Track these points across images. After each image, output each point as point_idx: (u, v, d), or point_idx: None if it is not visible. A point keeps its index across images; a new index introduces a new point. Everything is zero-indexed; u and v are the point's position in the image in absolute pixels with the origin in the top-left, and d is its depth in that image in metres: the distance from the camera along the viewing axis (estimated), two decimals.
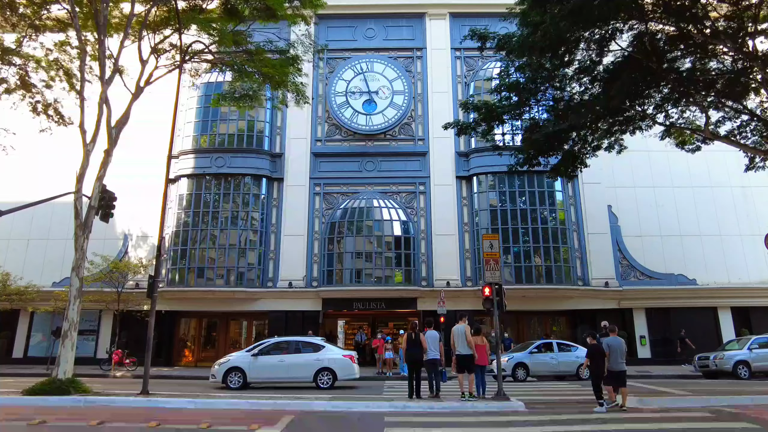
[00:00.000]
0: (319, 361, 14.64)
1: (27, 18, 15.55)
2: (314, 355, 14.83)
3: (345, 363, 14.72)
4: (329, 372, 14.54)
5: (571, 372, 18.04)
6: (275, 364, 14.70)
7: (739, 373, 17.44)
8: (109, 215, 13.61)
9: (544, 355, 18.30)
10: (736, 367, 17.48)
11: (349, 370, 14.74)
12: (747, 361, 17.54)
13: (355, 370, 14.90)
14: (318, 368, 14.55)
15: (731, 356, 17.77)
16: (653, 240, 24.51)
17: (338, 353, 15.10)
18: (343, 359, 14.79)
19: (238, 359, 15.05)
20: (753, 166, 15.50)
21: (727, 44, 12.40)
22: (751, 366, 17.49)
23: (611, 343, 10.26)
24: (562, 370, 18.25)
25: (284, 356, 14.90)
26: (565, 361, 18.18)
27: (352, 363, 14.84)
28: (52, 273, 24.15)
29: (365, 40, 26.92)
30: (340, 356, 14.92)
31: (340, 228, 23.89)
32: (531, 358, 18.18)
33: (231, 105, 17.74)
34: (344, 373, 14.63)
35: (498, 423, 8.68)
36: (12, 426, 7.94)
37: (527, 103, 15.32)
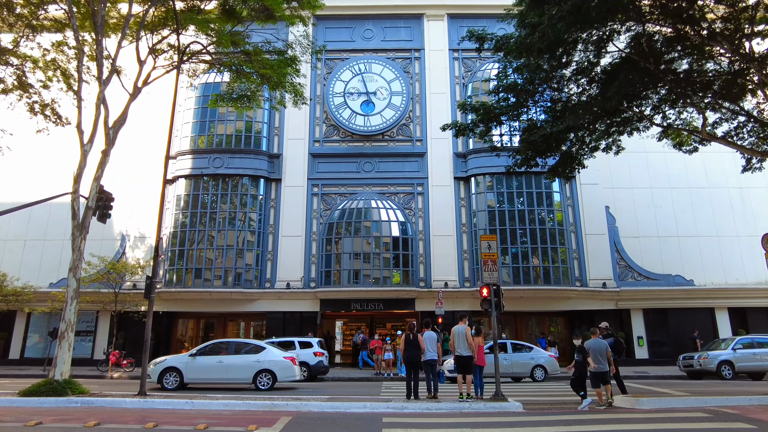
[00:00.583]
0: (259, 363, 14.48)
1: (24, 18, 15.51)
2: (254, 356, 14.67)
3: (285, 365, 14.56)
4: (269, 374, 14.39)
5: (525, 373, 17.49)
6: (214, 365, 14.52)
7: (722, 373, 17.53)
8: (106, 216, 13.58)
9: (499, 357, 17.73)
10: (720, 367, 17.58)
11: (289, 371, 14.61)
12: (731, 361, 17.65)
13: (296, 371, 14.81)
14: (258, 370, 14.41)
15: (715, 356, 17.86)
16: (651, 241, 24.57)
17: (279, 355, 14.88)
18: (284, 361, 14.62)
19: (175, 359, 14.89)
20: (750, 167, 15.53)
21: (724, 46, 12.44)
22: (734, 366, 17.60)
23: (592, 346, 10.62)
24: (515, 372, 17.54)
25: (223, 357, 14.74)
26: (519, 361, 17.53)
27: (292, 365, 14.70)
28: (49, 274, 24.10)
29: (363, 41, 26.95)
30: (280, 358, 14.73)
31: (338, 229, 23.88)
32: None
33: (229, 105, 17.70)
34: (284, 374, 14.49)
35: (496, 424, 8.68)
36: (8, 427, 7.91)
37: (525, 104, 15.35)
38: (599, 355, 10.51)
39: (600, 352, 10.54)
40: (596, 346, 10.60)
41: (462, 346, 11.24)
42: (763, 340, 18.55)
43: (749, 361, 17.80)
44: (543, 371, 17.45)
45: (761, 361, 17.83)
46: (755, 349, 18.07)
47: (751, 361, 17.81)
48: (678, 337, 23.22)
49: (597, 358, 10.47)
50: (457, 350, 11.29)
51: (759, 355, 17.90)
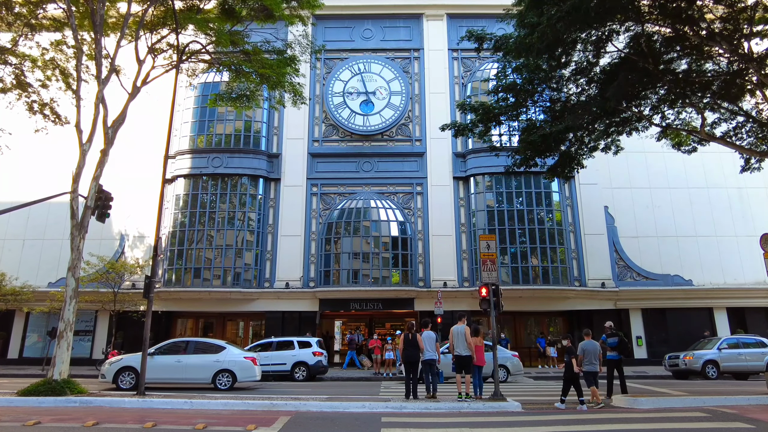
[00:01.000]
0: (219, 363, 14.33)
1: (23, 17, 15.49)
2: (214, 356, 14.51)
3: (245, 364, 14.41)
4: (229, 374, 14.24)
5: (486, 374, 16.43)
6: (172, 365, 14.26)
7: (707, 372, 17.55)
8: (105, 215, 13.56)
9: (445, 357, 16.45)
10: (705, 367, 17.61)
11: (249, 371, 14.44)
12: (716, 360, 17.67)
13: (256, 371, 14.63)
14: (217, 370, 14.26)
15: (700, 356, 17.89)
16: (650, 241, 24.59)
17: (239, 355, 14.74)
18: (244, 361, 14.47)
19: (132, 358, 14.49)
20: (748, 167, 15.55)
21: (722, 46, 12.45)
22: (719, 366, 17.62)
23: (586, 347, 10.91)
24: None
25: (182, 357, 14.54)
26: None
27: (253, 365, 14.55)
28: (47, 273, 24.08)
29: (363, 40, 26.94)
30: (240, 358, 14.58)
31: (337, 228, 23.89)
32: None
33: (228, 105, 17.72)
34: (244, 374, 14.33)
35: (494, 423, 8.68)
36: (7, 427, 7.90)
37: (524, 104, 15.36)
38: (593, 356, 10.80)
39: (594, 353, 10.83)
40: (590, 347, 10.88)
41: (461, 346, 11.25)
42: (748, 340, 18.59)
43: (734, 361, 17.82)
44: (505, 372, 16.92)
45: (746, 361, 17.86)
46: (740, 349, 18.10)
47: (736, 362, 17.83)
48: (677, 337, 23.24)
49: (590, 359, 10.77)
50: (456, 350, 11.29)
51: (744, 356, 17.93)
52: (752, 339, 18.74)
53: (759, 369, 17.84)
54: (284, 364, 17.92)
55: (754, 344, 18.34)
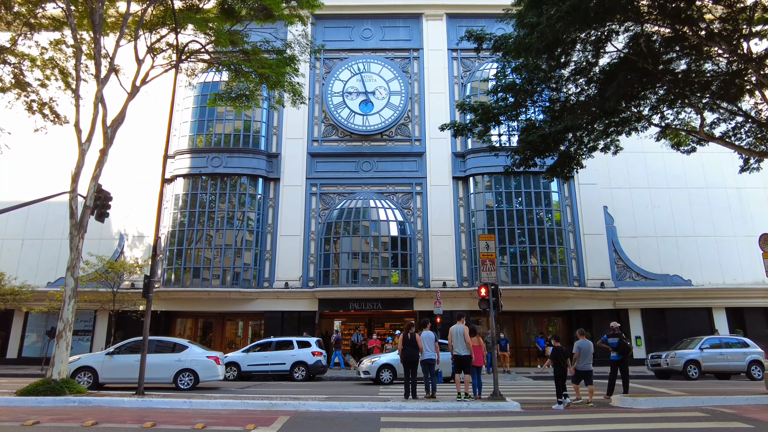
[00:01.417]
0: (180, 362, 14.15)
1: (22, 16, 15.47)
2: (175, 355, 14.32)
3: (208, 364, 14.19)
4: (191, 373, 14.06)
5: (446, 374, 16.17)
6: (132, 364, 13.61)
7: (689, 372, 17.54)
8: (104, 215, 13.55)
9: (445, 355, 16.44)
10: (687, 367, 17.61)
11: (212, 371, 14.25)
12: (697, 360, 17.67)
13: (219, 371, 14.45)
14: (179, 369, 14.08)
15: (682, 355, 17.90)
16: (649, 241, 24.61)
17: (201, 354, 14.52)
18: (206, 360, 14.24)
19: (90, 358, 14.37)
20: (747, 167, 15.56)
21: (722, 46, 12.46)
22: (701, 365, 17.62)
23: (581, 346, 11.24)
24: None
25: None
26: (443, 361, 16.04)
27: (215, 364, 14.35)
28: (46, 273, 24.06)
29: (362, 40, 26.94)
30: (203, 357, 14.37)
31: (336, 228, 23.88)
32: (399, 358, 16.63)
33: (227, 105, 17.70)
34: (207, 374, 14.13)
35: (493, 423, 8.69)
36: (6, 427, 7.90)
37: (524, 104, 15.36)
38: (587, 355, 11.11)
39: (589, 353, 11.16)
40: (585, 347, 11.21)
41: (460, 346, 11.26)
42: (730, 340, 18.61)
43: (716, 361, 17.83)
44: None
45: (728, 361, 17.86)
46: (722, 349, 18.10)
47: (718, 361, 17.85)
48: (676, 337, 23.24)
49: (584, 358, 11.07)
50: (455, 350, 11.30)
51: (725, 356, 17.94)
52: (734, 339, 18.75)
53: (740, 369, 17.87)
54: (283, 364, 17.92)
55: (736, 344, 18.36)
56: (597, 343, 13.23)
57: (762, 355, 18.11)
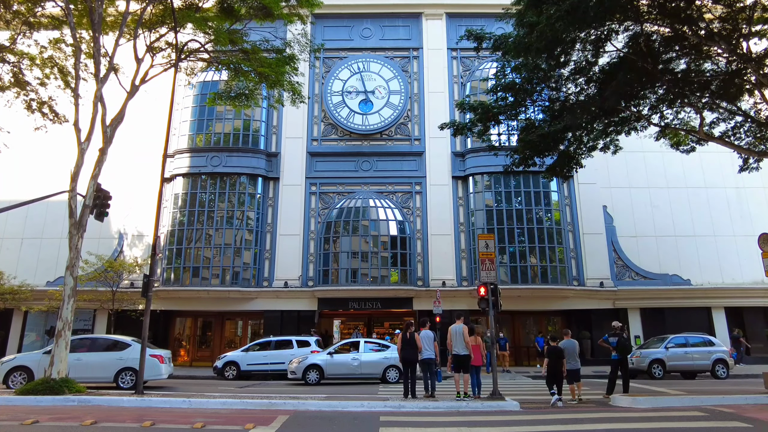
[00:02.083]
0: (122, 361, 13.90)
1: (21, 15, 15.45)
2: (117, 354, 14.04)
3: (151, 363, 13.65)
4: (132, 372, 13.74)
5: (377, 375, 16.06)
6: (72, 363, 13.09)
7: (653, 372, 17.47)
8: (103, 214, 13.55)
9: (345, 356, 16.27)
10: (651, 366, 17.55)
11: (155, 370, 13.93)
12: (662, 359, 17.59)
13: (162, 370, 14.17)
14: (120, 368, 13.87)
15: (647, 354, 17.83)
16: (648, 240, 24.62)
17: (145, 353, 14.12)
18: (149, 359, 13.62)
19: (26, 357, 14.06)
20: (747, 167, 15.55)
21: (721, 46, 12.46)
22: (666, 365, 17.54)
23: (566, 346, 11.50)
24: (365, 373, 16.08)
25: (82, 354, 13.87)
26: (371, 361, 16.06)
27: (159, 363, 14.05)
28: (46, 272, 24.04)
29: (362, 39, 26.92)
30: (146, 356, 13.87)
31: (336, 227, 23.88)
32: (329, 359, 16.12)
33: (227, 104, 17.70)
34: (149, 373, 13.60)
35: (493, 423, 8.69)
36: (5, 426, 7.89)
37: (523, 103, 15.34)
38: (572, 354, 11.43)
39: (574, 352, 11.49)
40: (570, 346, 11.55)
41: (459, 345, 11.26)
42: (696, 339, 18.41)
43: (680, 360, 17.76)
44: (398, 372, 15.97)
45: (693, 360, 17.77)
46: (687, 348, 18.01)
47: (683, 360, 17.77)
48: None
49: (569, 357, 11.34)
50: (455, 349, 11.31)
51: (690, 354, 17.85)
52: (700, 338, 18.57)
53: (705, 368, 17.78)
54: (283, 363, 17.90)
55: (702, 343, 18.25)
56: (598, 342, 13.24)
57: (726, 354, 18.01)
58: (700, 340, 18.44)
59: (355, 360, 16.19)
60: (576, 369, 11.42)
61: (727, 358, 17.90)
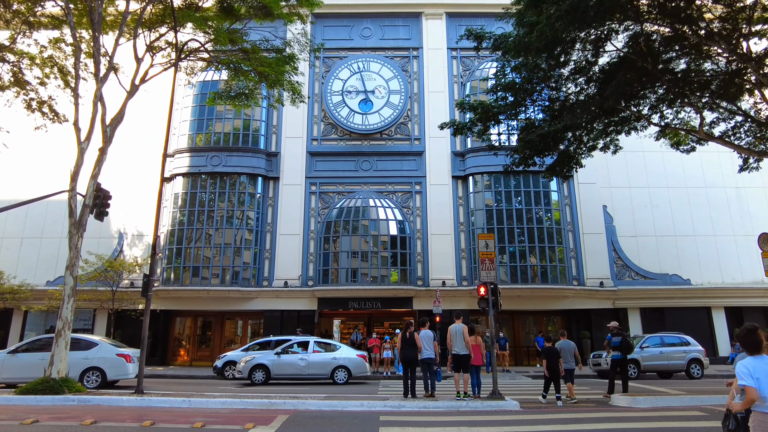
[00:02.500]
0: (88, 360, 13.44)
1: (21, 14, 15.45)
2: (82, 353, 13.56)
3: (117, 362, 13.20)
4: (98, 371, 13.46)
5: (324, 375, 15.83)
6: (36, 363, 13.09)
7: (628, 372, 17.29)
8: (103, 214, 13.55)
9: (293, 356, 16.02)
10: None
11: (121, 369, 13.50)
12: (637, 359, 17.40)
13: (129, 369, 13.73)
14: (86, 367, 13.47)
15: None
16: (648, 240, 24.62)
17: (111, 351, 13.74)
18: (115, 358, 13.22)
19: None
20: (747, 167, 15.56)
21: (721, 45, 12.46)
22: (640, 365, 17.39)
23: (562, 346, 11.73)
24: (312, 373, 15.87)
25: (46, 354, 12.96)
26: (319, 362, 15.85)
27: (125, 362, 13.60)
28: (46, 272, 24.04)
29: (362, 39, 26.91)
30: (112, 355, 13.58)
31: (335, 227, 23.88)
32: (276, 359, 15.99)
33: (227, 103, 17.69)
34: (115, 372, 13.31)
35: (492, 422, 8.69)
36: (5, 425, 7.89)
37: (523, 103, 15.34)
38: (568, 354, 11.62)
39: (569, 352, 11.67)
40: (566, 347, 11.74)
41: (459, 345, 11.26)
42: (671, 339, 18.24)
43: (656, 360, 17.64)
44: (346, 373, 15.91)
45: (668, 360, 17.63)
46: (662, 347, 17.87)
47: (658, 360, 17.65)
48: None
49: (565, 357, 11.53)
50: (454, 349, 11.31)
51: (666, 354, 17.71)
52: (676, 338, 18.40)
53: (680, 368, 17.62)
54: None
55: (678, 343, 18.09)
56: (604, 344, 13.23)
57: (702, 353, 17.86)
58: (676, 340, 18.21)
59: (303, 360, 15.95)
60: (571, 369, 11.64)
61: (702, 357, 17.72)
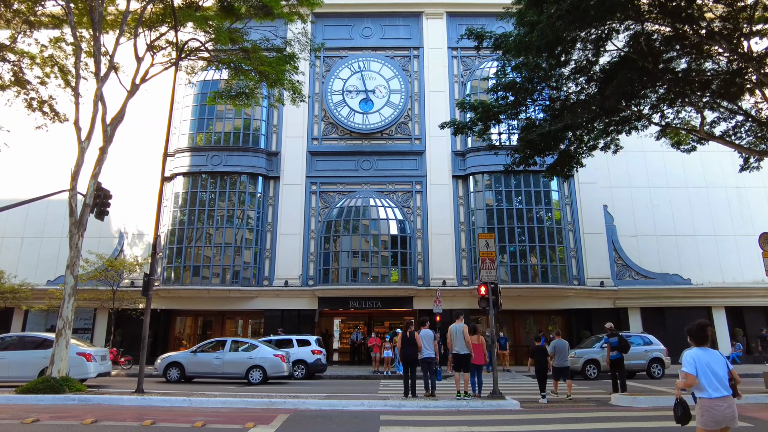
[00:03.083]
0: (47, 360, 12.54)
1: (21, 14, 15.45)
2: (42, 352, 13.19)
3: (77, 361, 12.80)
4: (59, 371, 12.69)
5: (239, 374, 15.64)
6: None
7: (587, 372, 17.21)
8: (104, 213, 13.56)
9: (209, 355, 16.00)
10: (585, 366, 17.27)
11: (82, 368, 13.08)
12: (597, 359, 17.30)
13: (89, 368, 13.33)
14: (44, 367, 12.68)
15: (581, 354, 17.56)
16: (648, 240, 24.61)
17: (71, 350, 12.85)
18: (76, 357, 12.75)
19: None
20: (747, 166, 15.55)
21: (722, 45, 12.45)
22: (600, 365, 17.24)
23: (557, 345, 12.22)
24: (227, 372, 15.72)
25: (6, 353, 13.37)
26: (234, 361, 15.68)
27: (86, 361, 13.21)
28: (46, 271, 24.05)
29: (362, 38, 26.90)
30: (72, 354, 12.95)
31: (336, 227, 23.88)
32: (191, 357, 15.97)
33: (227, 103, 17.69)
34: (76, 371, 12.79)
35: (492, 422, 8.70)
36: (5, 424, 7.90)
37: (524, 102, 15.33)
38: (563, 353, 12.09)
39: (564, 351, 12.14)
40: (560, 345, 12.20)
41: (459, 345, 11.27)
42: (634, 338, 17.82)
43: None
44: (261, 372, 15.60)
45: (629, 359, 16.87)
46: None
47: None
48: (676, 336, 23.28)
49: (561, 356, 12.02)
50: (455, 348, 11.32)
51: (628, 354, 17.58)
52: (637, 337, 18.18)
53: (641, 367, 17.42)
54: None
55: (640, 343, 17.83)
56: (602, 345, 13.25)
57: (663, 353, 17.66)
58: (639, 340, 17.98)
59: (218, 359, 15.80)
60: (565, 367, 12.09)
61: (663, 357, 17.53)
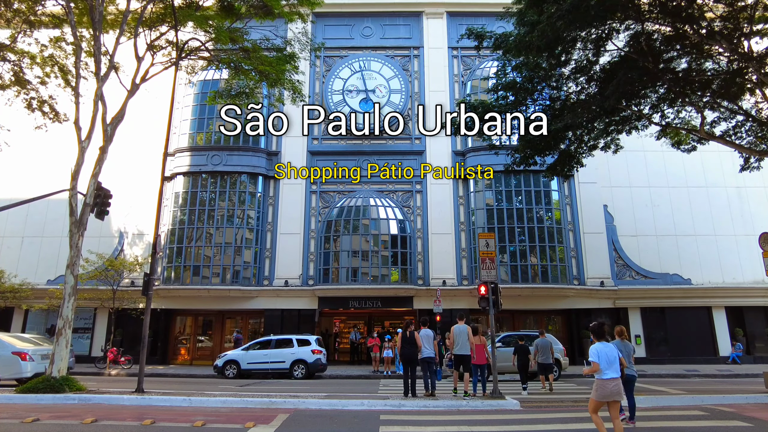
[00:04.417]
0: None
1: (21, 13, 15.46)
2: None
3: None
4: None
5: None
6: None
7: None
8: (104, 213, 13.56)
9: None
10: None
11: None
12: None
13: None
14: None
15: None
16: (649, 240, 24.60)
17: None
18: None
19: None
20: (748, 166, 15.54)
21: (722, 45, 12.44)
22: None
23: (539, 343, 13.49)
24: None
25: None
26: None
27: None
28: (46, 270, 24.05)
29: (362, 38, 26.89)
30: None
31: (336, 226, 23.87)
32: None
33: (227, 102, 17.69)
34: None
35: (492, 421, 8.70)
36: (5, 424, 7.90)
37: (524, 102, 15.33)
38: (546, 351, 13.34)
39: (547, 349, 13.36)
40: (543, 343, 13.45)
41: (461, 345, 11.27)
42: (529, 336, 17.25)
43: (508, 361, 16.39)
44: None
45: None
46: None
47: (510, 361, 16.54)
48: (676, 336, 23.32)
49: (544, 353, 13.30)
50: (456, 349, 11.32)
51: None
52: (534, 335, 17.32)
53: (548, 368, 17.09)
54: (283, 362, 17.94)
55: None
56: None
57: (562, 353, 17.41)
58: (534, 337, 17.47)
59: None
60: (548, 363, 13.34)
61: (562, 357, 17.14)
